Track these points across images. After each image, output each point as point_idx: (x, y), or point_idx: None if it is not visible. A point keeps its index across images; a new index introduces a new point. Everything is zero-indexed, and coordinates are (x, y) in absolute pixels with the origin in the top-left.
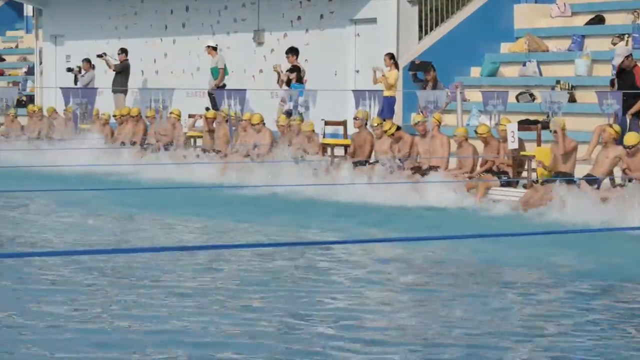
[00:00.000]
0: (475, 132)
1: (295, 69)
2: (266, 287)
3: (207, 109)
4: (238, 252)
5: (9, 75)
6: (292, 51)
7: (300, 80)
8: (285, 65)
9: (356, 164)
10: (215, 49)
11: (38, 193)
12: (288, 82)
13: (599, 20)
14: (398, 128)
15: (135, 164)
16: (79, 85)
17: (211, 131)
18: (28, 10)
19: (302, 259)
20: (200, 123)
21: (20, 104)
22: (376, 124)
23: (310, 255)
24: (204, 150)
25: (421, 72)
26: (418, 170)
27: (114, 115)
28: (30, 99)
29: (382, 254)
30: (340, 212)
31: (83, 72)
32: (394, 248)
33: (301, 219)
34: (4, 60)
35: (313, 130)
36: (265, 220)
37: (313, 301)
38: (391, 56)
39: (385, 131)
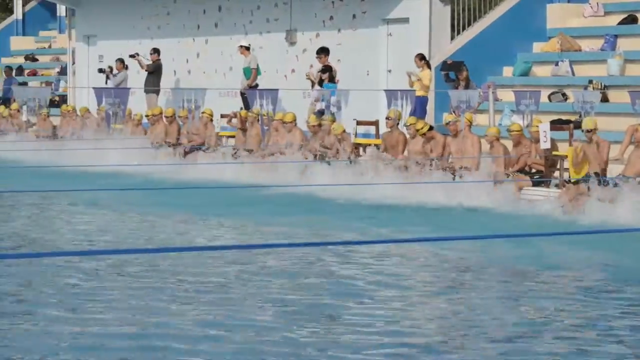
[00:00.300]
0: (508, 130)
1: (328, 68)
2: (291, 287)
3: (241, 109)
4: (264, 252)
5: (42, 75)
6: (323, 51)
7: (332, 80)
8: (316, 66)
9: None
10: (248, 49)
11: (66, 192)
12: (320, 82)
13: (631, 19)
14: (430, 128)
15: (167, 164)
16: (110, 84)
17: (244, 130)
18: (61, 10)
19: (328, 259)
20: (234, 121)
21: (53, 104)
22: (409, 124)
23: (337, 256)
24: (235, 150)
25: (453, 72)
26: (451, 170)
27: (146, 116)
28: (63, 99)
29: (411, 254)
30: (371, 212)
31: (115, 71)
32: (421, 248)
33: (331, 218)
34: (37, 60)
35: (344, 131)
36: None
37: (340, 301)
38: (422, 57)
39: (418, 130)
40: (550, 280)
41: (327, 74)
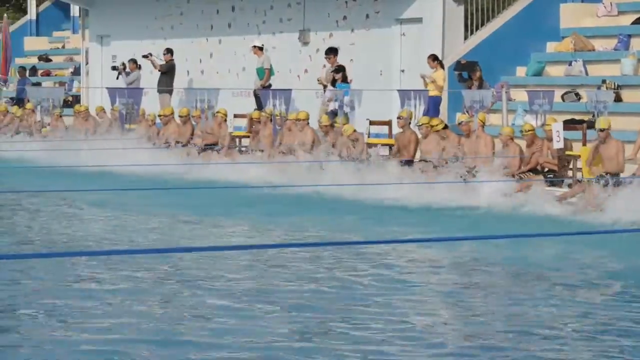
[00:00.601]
0: (521, 130)
1: (341, 68)
2: (305, 287)
3: (256, 109)
4: (276, 252)
5: (56, 75)
6: (332, 51)
7: (345, 79)
8: (327, 67)
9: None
10: (261, 49)
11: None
12: (333, 82)
13: None
14: (445, 126)
15: (180, 163)
16: (122, 82)
17: (255, 131)
18: (75, 10)
19: (341, 259)
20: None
21: (66, 104)
22: (422, 124)
23: (351, 256)
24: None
25: (467, 71)
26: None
27: (159, 115)
28: (77, 99)
29: (424, 254)
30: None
31: (128, 70)
32: (432, 248)
33: (340, 218)
34: (50, 60)
35: (355, 131)
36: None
37: (355, 301)
38: (434, 57)
39: (433, 126)
40: (561, 281)
41: (341, 74)
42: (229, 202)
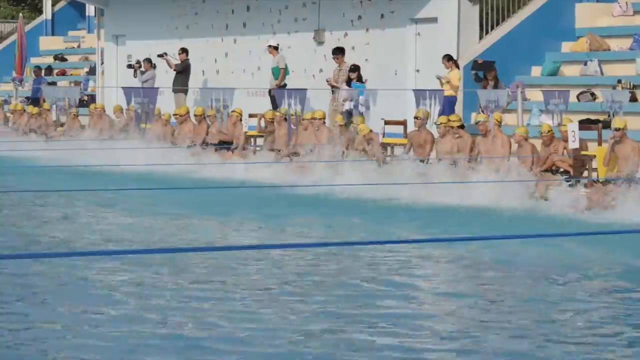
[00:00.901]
0: (539, 132)
1: (356, 68)
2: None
3: (272, 109)
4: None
5: (71, 75)
6: (339, 51)
7: (360, 79)
8: (335, 68)
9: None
10: (276, 48)
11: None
12: (348, 82)
13: None
14: (462, 126)
15: (195, 163)
16: (137, 81)
17: (271, 131)
18: (90, 10)
19: (358, 260)
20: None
21: (82, 103)
22: (440, 123)
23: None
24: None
25: (483, 71)
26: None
27: (174, 115)
28: (92, 98)
29: (439, 254)
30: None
31: (143, 70)
32: (443, 249)
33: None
34: (66, 60)
35: (371, 131)
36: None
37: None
38: (449, 58)
39: (450, 120)
40: (576, 281)
41: (356, 74)
42: (243, 201)
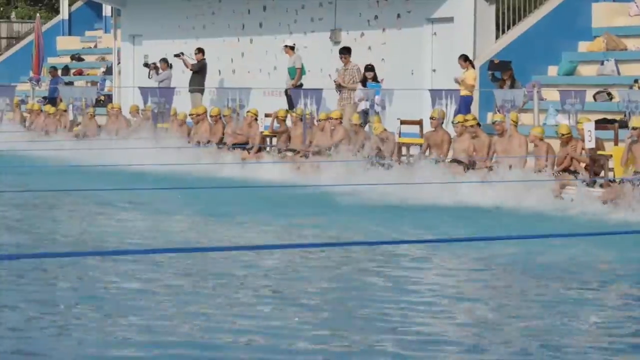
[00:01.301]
0: (556, 132)
1: (372, 67)
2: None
3: (288, 110)
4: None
5: (88, 74)
6: (346, 51)
7: (375, 79)
8: (341, 67)
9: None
10: (292, 48)
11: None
12: (364, 81)
13: None
14: (478, 125)
15: (210, 162)
16: (153, 81)
17: (284, 130)
18: (107, 10)
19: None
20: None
21: (98, 103)
22: (457, 122)
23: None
24: (279, 150)
25: (499, 71)
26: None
27: (190, 115)
28: (109, 98)
29: (454, 254)
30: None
31: (160, 70)
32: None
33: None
34: (82, 60)
35: (385, 130)
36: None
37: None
38: (465, 58)
39: (467, 119)
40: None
41: (372, 73)
42: (256, 201)
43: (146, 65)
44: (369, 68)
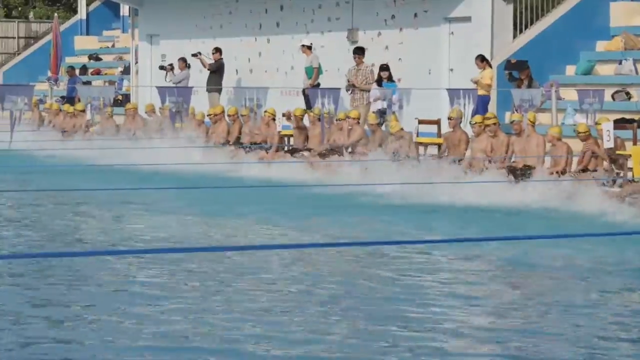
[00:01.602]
0: (575, 131)
1: (387, 67)
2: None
3: (306, 110)
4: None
5: (105, 74)
6: (360, 51)
7: (391, 78)
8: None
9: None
10: (309, 48)
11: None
12: (379, 81)
13: None
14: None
15: (228, 162)
16: (168, 80)
17: (300, 129)
18: (124, 10)
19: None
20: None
21: (116, 103)
22: (475, 122)
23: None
24: (296, 150)
25: (517, 71)
26: (513, 170)
27: (208, 114)
28: (127, 98)
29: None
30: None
31: (177, 70)
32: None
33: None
34: (100, 59)
35: (402, 129)
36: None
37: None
38: (482, 58)
39: (487, 117)
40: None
41: (387, 73)
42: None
43: (162, 67)
44: (384, 68)
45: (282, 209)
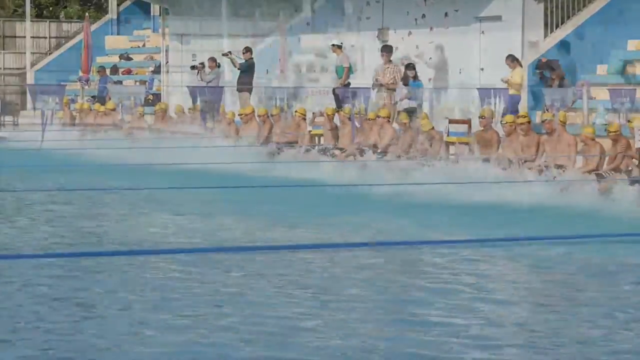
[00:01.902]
0: (606, 130)
1: (413, 66)
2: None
3: (337, 109)
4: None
5: (136, 74)
6: (387, 49)
7: (417, 77)
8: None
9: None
10: (340, 47)
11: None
12: (405, 80)
13: None
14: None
15: (259, 162)
16: (200, 82)
17: (332, 129)
18: (155, 10)
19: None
20: (318, 119)
21: (147, 102)
22: (506, 122)
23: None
24: (326, 149)
25: (548, 70)
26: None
27: (239, 114)
28: (157, 97)
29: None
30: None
31: (208, 69)
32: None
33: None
34: (131, 59)
35: (433, 128)
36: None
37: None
38: (512, 58)
39: (520, 116)
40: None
41: (414, 72)
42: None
43: (193, 67)
44: (411, 67)
45: (320, 209)
